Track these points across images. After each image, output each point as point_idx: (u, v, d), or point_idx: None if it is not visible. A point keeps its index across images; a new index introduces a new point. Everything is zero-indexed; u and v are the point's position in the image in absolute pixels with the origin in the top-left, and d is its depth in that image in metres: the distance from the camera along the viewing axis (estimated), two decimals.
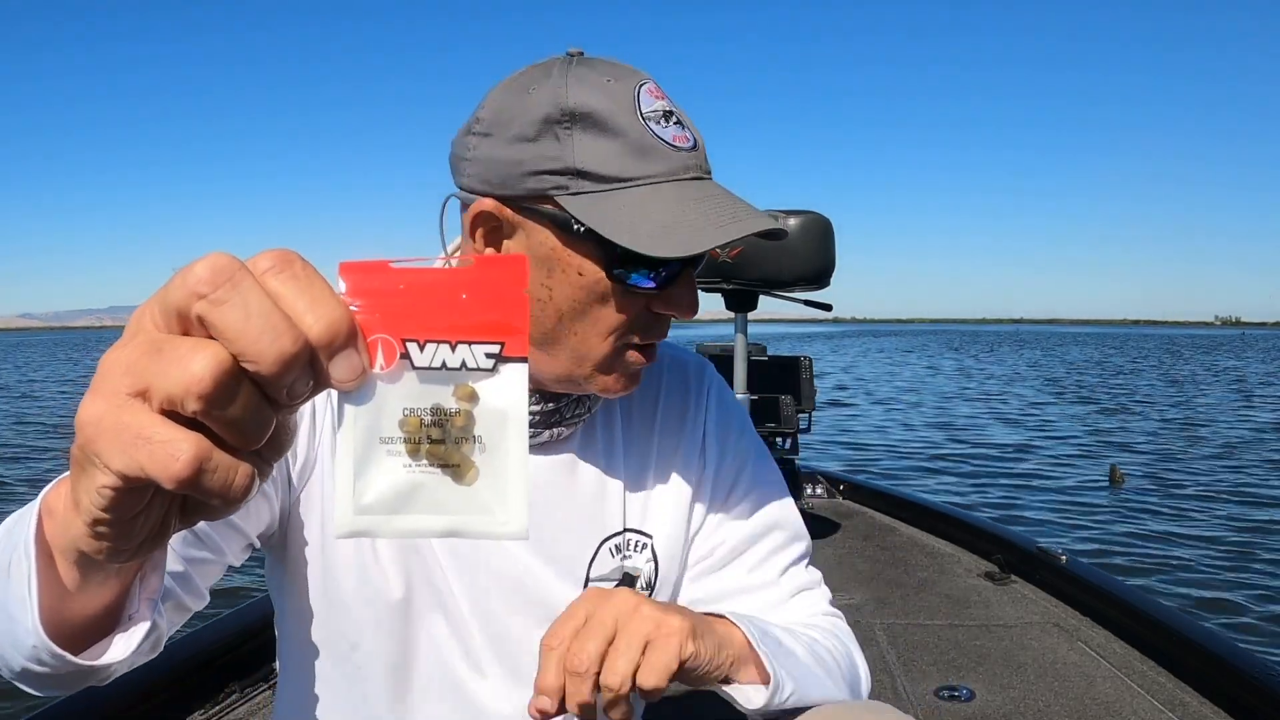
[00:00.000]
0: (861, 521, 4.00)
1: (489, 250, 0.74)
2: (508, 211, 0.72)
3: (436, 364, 0.35)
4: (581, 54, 0.73)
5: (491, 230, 0.73)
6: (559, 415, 0.81)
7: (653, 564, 0.87)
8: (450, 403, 0.36)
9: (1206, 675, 2.21)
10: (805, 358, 4.24)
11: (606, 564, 0.85)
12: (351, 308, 0.34)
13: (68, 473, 0.39)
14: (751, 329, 3.25)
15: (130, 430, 0.32)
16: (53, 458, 11.05)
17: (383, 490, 0.36)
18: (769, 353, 4.38)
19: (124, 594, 0.49)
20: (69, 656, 0.49)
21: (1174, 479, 8.70)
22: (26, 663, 0.49)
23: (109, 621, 0.50)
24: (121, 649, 0.50)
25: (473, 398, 0.36)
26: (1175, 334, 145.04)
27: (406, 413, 0.35)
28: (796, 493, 4.26)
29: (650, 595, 0.86)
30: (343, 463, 0.36)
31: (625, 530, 0.86)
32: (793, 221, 2.88)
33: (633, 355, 0.75)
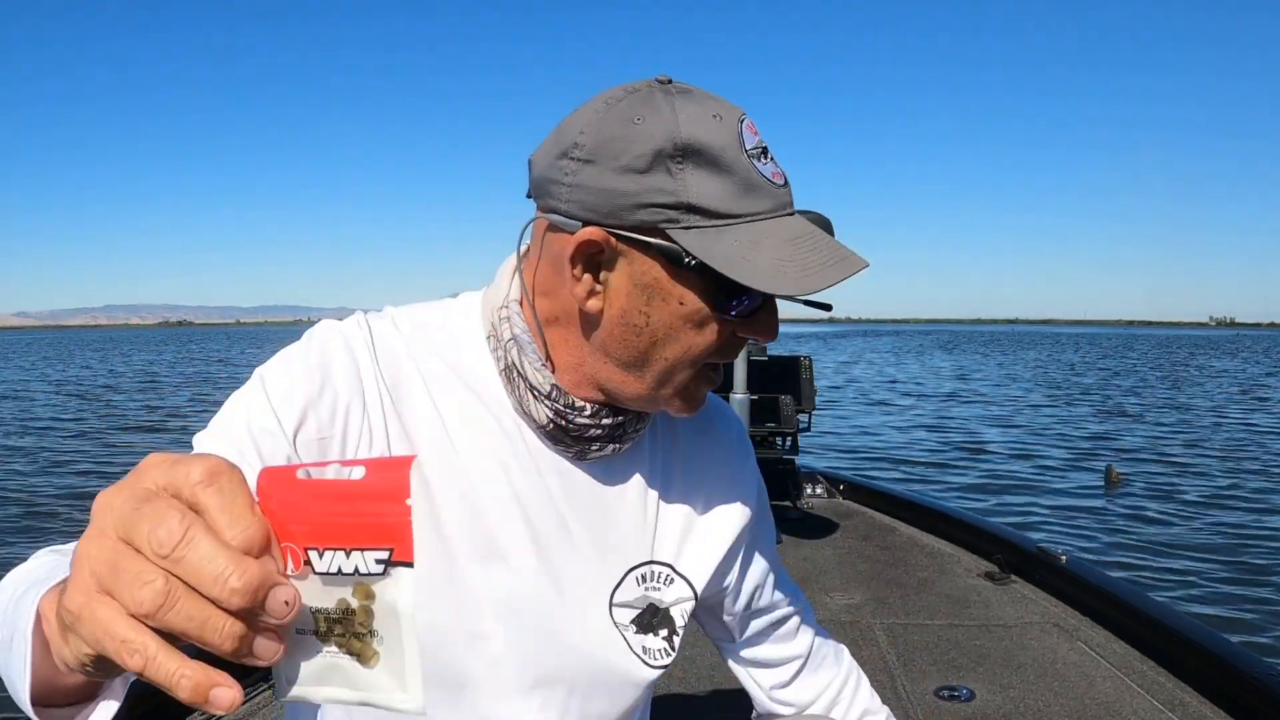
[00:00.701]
0: (861, 521, 4.00)
1: (586, 276, 0.74)
2: (614, 241, 0.72)
3: (334, 569, 0.40)
4: (671, 81, 0.75)
5: (593, 257, 0.74)
6: (622, 430, 0.81)
7: (689, 594, 0.87)
8: (352, 600, 0.41)
9: (1206, 675, 2.21)
10: (805, 358, 4.25)
11: (631, 591, 0.84)
12: (275, 515, 0.40)
13: (63, 577, 0.45)
14: None
15: (100, 625, 0.37)
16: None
17: (308, 671, 0.42)
18: (769, 353, 4.38)
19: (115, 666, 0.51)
20: (51, 710, 0.52)
21: (1171, 480, 8.74)
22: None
23: (94, 688, 0.53)
24: (104, 715, 0.52)
25: (369, 596, 0.40)
26: (1170, 335, 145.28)
27: (314, 610, 0.41)
28: (796, 493, 4.26)
29: (683, 626, 0.88)
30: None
31: (653, 561, 0.86)
32: None
33: (703, 380, 0.79)
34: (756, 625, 1.00)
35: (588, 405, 0.78)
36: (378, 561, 0.40)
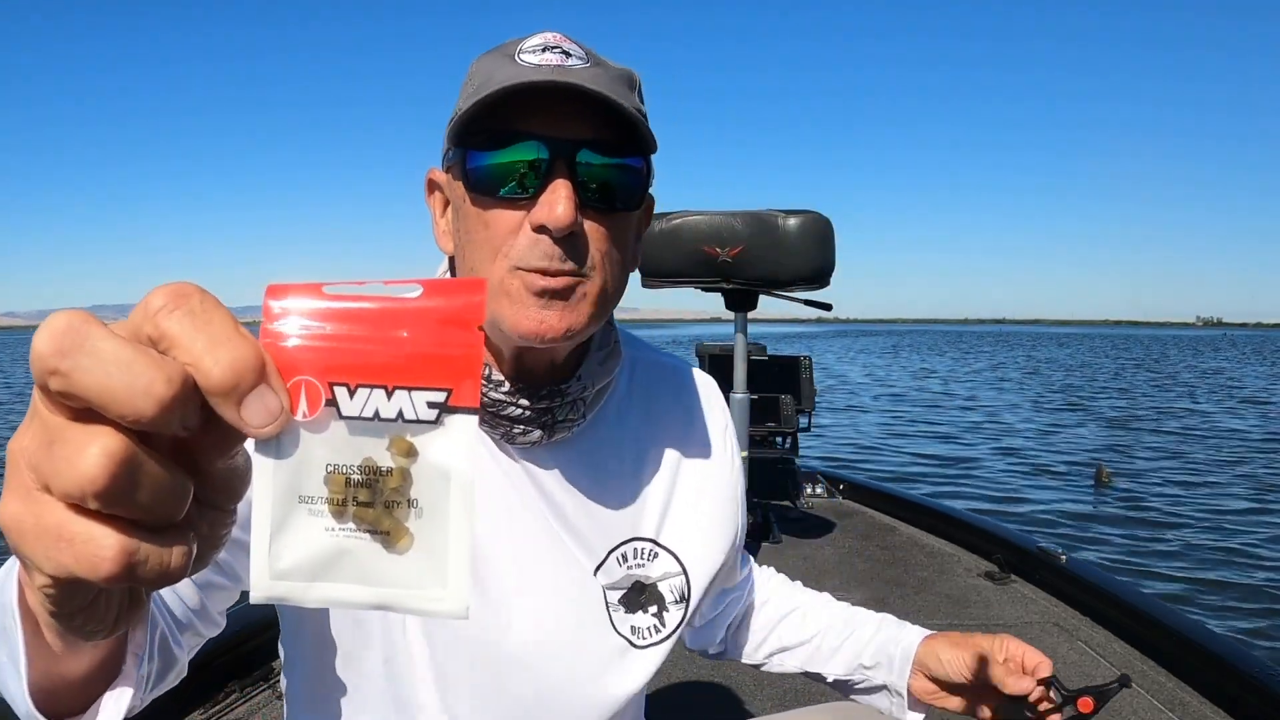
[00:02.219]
0: (861, 521, 3.99)
1: (442, 219, 0.78)
2: (439, 171, 0.77)
3: (369, 413, 0.31)
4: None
5: (433, 194, 0.80)
6: (549, 416, 0.79)
7: (678, 569, 0.86)
8: (384, 459, 0.31)
9: (1206, 675, 2.21)
10: (805, 358, 4.25)
11: (615, 572, 0.84)
12: (280, 339, 0.31)
13: None
14: (749, 329, 3.25)
15: (50, 533, 0.29)
16: None
17: (301, 555, 0.32)
18: (769, 353, 4.38)
19: (118, 651, 0.47)
20: None
21: (1162, 478, 8.73)
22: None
23: (104, 680, 0.48)
24: (111, 714, 0.48)
25: (410, 454, 0.31)
26: (1158, 334, 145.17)
27: (331, 469, 0.31)
28: (796, 492, 4.26)
29: (679, 602, 0.87)
30: (258, 521, 0.31)
31: (634, 539, 0.85)
32: (793, 221, 2.88)
33: (527, 277, 0.71)
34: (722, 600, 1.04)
35: (506, 382, 0.77)
36: (430, 405, 0.31)
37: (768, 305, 3.17)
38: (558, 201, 0.68)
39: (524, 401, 0.78)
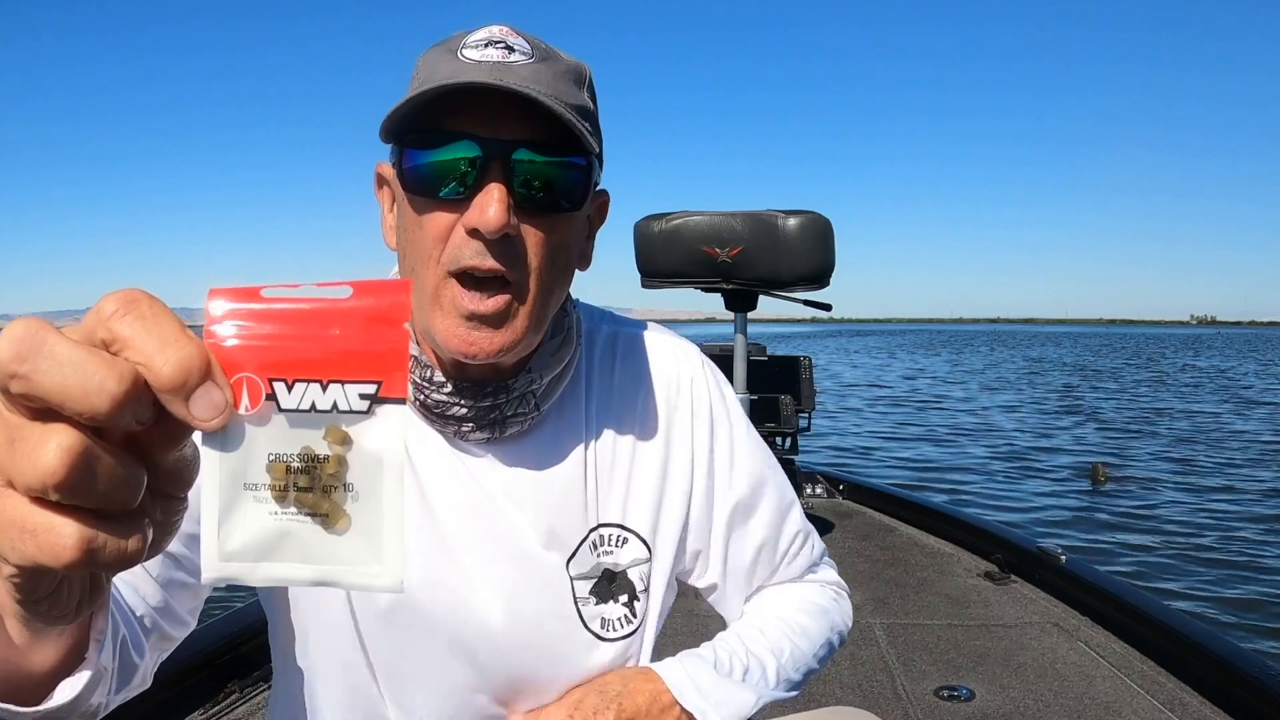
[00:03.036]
0: (861, 521, 4.00)
1: (393, 212, 0.77)
2: (389, 168, 0.76)
3: (305, 406, 0.33)
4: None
5: (382, 188, 0.79)
6: (499, 412, 0.78)
7: (645, 557, 0.84)
8: (320, 447, 0.33)
9: (1206, 675, 2.21)
10: (805, 358, 4.25)
11: (586, 561, 0.82)
12: (223, 340, 0.33)
13: None
14: (750, 329, 3.25)
15: (14, 525, 0.32)
16: None
17: (247, 538, 0.34)
18: (769, 353, 4.38)
19: (81, 641, 0.49)
20: (15, 709, 0.49)
21: (1156, 476, 8.75)
22: None
23: (66, 672, 0.49)
24: (66, 692, 0.49)
25: (345, 441, 0.34)
26: (1152, 333, 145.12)
27: (272, 458, 0.33)
28: (796, 492, 4.26)
29: (646, 590, 0.84)
30: (206, 506, 0.34)
31: (600, 526, 0.83)
32: (792, 221, 2.88)
33: (458, 292, 0.70)
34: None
35: (449, 383, 0.76)
36: (361, 396, 0.33)
37: (762, 305, 3.17)
38: (490, 204, 0.67)
39: (467, 401, 0.76)
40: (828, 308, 3.23)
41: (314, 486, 0.34)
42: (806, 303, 3.17)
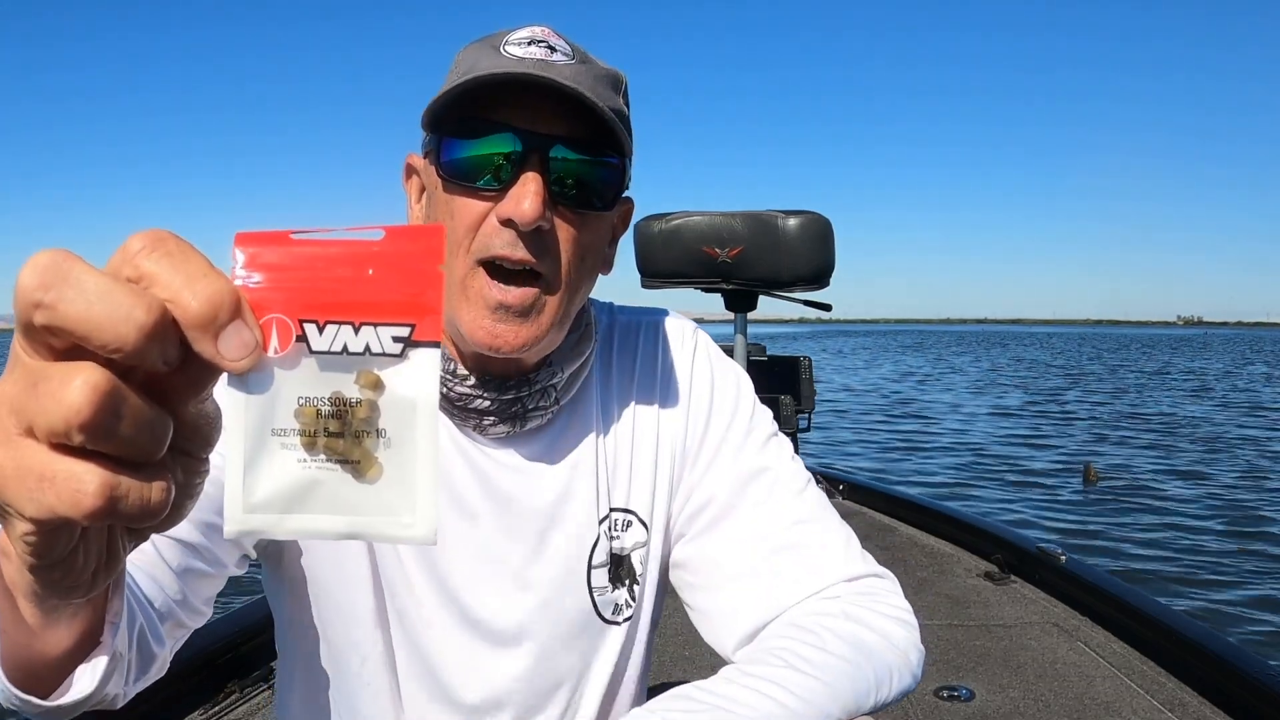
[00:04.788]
0: (861, 521, 3.99)
1: (417, 205, 0.78)
2: (418, 156, 0.77)
3: (337, 348, 0.32)
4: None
5: (414, 179, 0.79)
6: (521, 405, 0.78)
7: (645, 539, 0.84)
8: (352, 391, 0.32)
9: (1206, 675, 2.21)
10: (805, 358, 4.25)
11: (602, 549, 0.83)
12: (251, 281, 0.32)
13: None
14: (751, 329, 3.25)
15: (32, 473, 0.30)
16: None
17: (274, 487, 0.33)
18: (769, 353, 4.38)
19: (95, 625, 0.48)
20: (35, 700, 0.48)
21: (1147, 476, 8.75)
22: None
23: (81, 655, 0.49)
24: (87, 682, 0.49)
25: (377, 386, 0.32)
26: (1139, 334, 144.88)
27: (302, 402, 0.32)
28: None
29: (644, 573, 0.84)
30: (232, 456, 0.32)
31: (611, 511, 0.84)
32: (792, 222, 2.88)
33: (485, 282, 0.70)
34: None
35: (471, 375, 0.76)
36: (395, 339, 0.32)
37: (763, 305, 3.17)
38: (525, 195, 0.67)
39: (490, 394, 0.77)
40: (828, 308, 3.23)
41: (345, 432, 0.32)
42: (806, 303, 3.17)
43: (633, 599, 0.84)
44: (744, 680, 0.67)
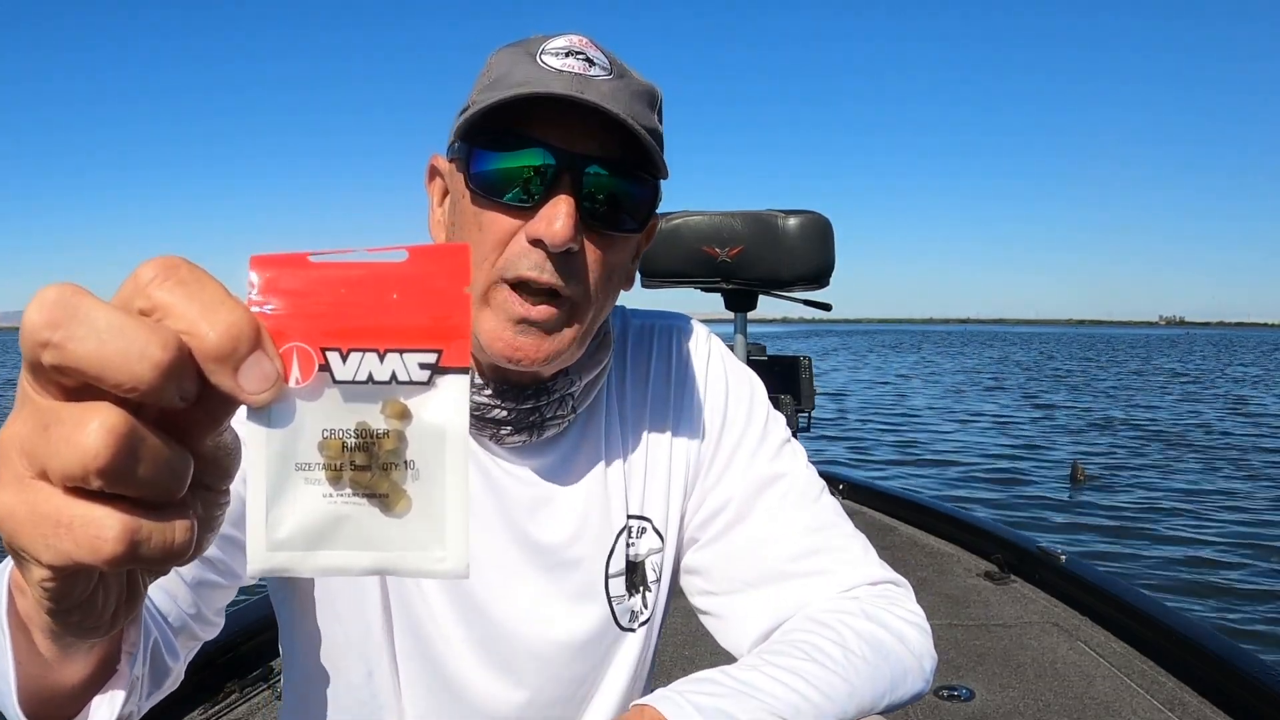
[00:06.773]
0: (861, 521, 3.98)
1: (439, 208, 0.77)
2: (442, 159, 0.75)
3: (362, 377, 0.30)
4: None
5: (437, 181, 0.78)
6: (539, 414, 0.77)
7: (660, 546, 0.84)
8: (378, 422, 0.31)
9: (1206, 675, 2.21)
10: (805, 358, 4.24)
11: (620, 557, 0.82)
12: (268, 308, 0.30)
13: None
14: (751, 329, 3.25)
15: (48, 519, 0.29)
16: None
17: (299, 524, 0.31)
18: (769, 353, 4.38)
19: (113, 655, 0.47)
20: None
21: (1136, 475, 8.76)
22: None
23: (97, 686, 0.48)
24: (105, 714, 0.47)
25: (404, 416, 0.31)
26: (1120, 334, 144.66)
27: (326, 434, 0.31)
28: None
29: (658, 579, 0.84)
30: (254, 492, 0.31)
31: (629, 519, 0.83)
32: (792, 221, 2.88)
33: (509, 295, 0.69)
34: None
35: (489, 385, 0.75)
36: (421, 366, 0.30)
37: (763, 305, 3.17)
38: (557, 216, 0.65)
39: (508, 404, 0.75)
40: (828, 307, 3.23)
41: (371, 465, 0.31)
42: (807, 303, 3.17)
43: (646, 605, 0.83)
44: (766, 669, 0.69)
